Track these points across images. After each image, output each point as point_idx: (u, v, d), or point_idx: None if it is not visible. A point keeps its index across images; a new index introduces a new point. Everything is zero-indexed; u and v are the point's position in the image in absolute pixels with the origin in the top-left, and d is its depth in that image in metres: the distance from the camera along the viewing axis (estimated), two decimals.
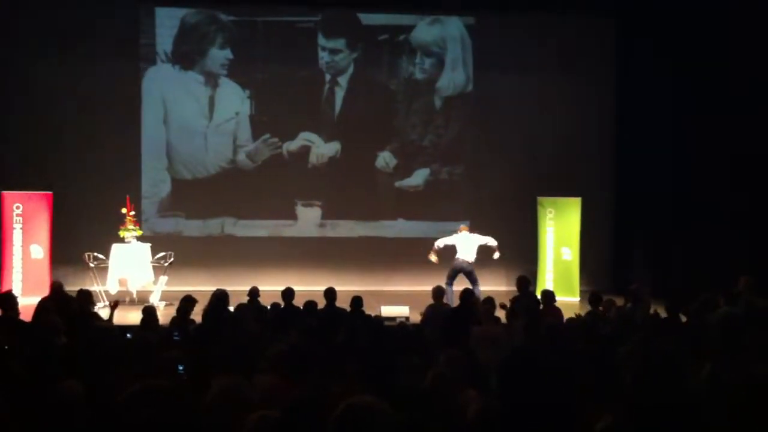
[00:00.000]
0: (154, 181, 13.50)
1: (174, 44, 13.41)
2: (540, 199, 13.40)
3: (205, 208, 13.52)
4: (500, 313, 8.23)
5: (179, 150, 13.52)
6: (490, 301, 7.96)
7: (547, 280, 13.20)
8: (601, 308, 8.25)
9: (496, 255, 11.53)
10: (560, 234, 13.30)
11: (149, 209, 13.47)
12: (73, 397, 3.98)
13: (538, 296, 9.19)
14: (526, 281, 9.32)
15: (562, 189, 13.30)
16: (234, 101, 13.58)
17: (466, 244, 11.44)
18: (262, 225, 13.67)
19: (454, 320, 7.87)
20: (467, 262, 11.35)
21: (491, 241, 11.52)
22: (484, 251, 11.54)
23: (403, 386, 4.58)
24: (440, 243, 11.56)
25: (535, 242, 13.37)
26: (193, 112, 13.49)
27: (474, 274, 11.32)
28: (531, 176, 13.75)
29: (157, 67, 13.45)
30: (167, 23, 13.37)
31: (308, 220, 13.76)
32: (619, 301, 8.97)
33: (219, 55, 13.47)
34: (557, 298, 8.81)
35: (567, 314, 8.35)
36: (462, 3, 13.75)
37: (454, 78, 13.99)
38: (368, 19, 13.73)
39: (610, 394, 4.50)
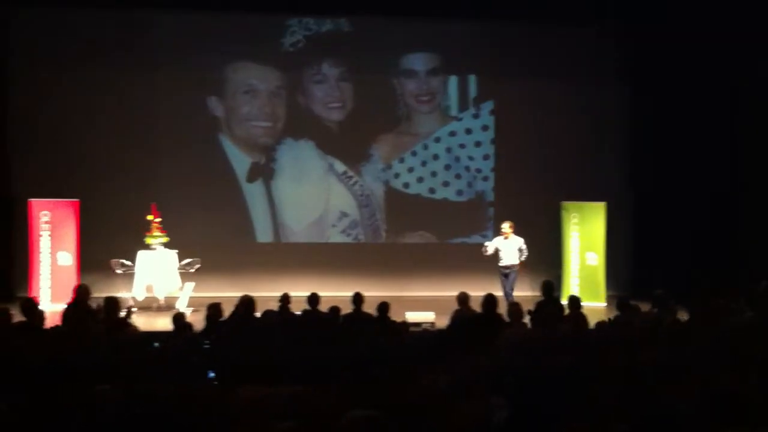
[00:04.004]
0: None
1: None
2: (564, 203, 13.39)
3: None
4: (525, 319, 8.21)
5: None
6: (516, 305, 7.95)
7: (572, 285, 13.18)
8: (628, 313, 8.20)
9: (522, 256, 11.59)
10: (585, 239, 13.27)
11: None
12: (111, 403, 4.04)
13: (563, 302, 9.17)
14: (551, 286, 9.30)
15: (584, 193, 13.30)
16: None
17: (510, 246, 11.56)
18: None
19: (479, 325, 7.85)
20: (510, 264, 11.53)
21: (524, 251, 11.59)
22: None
23: (418, 398, 4.53)
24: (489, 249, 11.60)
25: (560, 247, 13.34)
26: None
27: (512, 277, 11.52)
28: (553, 181, 13.77)
29: None
30: None
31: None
32: (645, 307, 8.92)
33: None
34: (583, 303, 8.75)
35: (593, 320, 8.30)
36: (484, 10, 13.72)
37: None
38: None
39: (630, 401, 4.45)
